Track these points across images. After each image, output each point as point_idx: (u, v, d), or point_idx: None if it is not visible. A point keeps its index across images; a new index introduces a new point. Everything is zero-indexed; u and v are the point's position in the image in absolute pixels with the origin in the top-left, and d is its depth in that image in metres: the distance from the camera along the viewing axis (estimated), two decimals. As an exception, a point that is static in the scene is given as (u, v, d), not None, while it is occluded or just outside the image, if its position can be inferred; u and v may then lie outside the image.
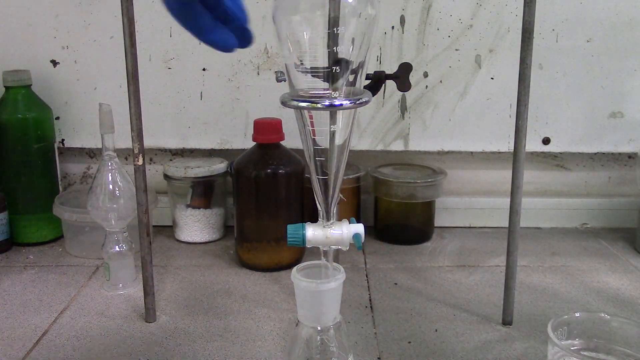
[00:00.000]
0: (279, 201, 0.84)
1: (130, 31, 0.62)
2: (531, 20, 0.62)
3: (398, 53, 0.94)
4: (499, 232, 1.00)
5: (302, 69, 0.49)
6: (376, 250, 0.93)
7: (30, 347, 0.66)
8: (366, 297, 0.78)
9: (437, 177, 0.94)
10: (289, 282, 0.81)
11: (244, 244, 0.86)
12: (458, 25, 0.93)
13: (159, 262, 0.88)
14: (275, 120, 0.84)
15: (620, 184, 1.05)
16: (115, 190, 0.77)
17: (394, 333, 0.69)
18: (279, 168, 0.83)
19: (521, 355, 0.65)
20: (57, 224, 0.94)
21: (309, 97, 0.49)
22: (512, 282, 0.69)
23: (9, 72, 0.90)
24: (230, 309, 0.75)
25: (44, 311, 0.74)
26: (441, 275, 0.85)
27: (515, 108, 0.65)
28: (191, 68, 0.96)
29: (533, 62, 0.64)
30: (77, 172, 1.05)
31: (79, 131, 0.99)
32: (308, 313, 0.53)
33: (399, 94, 0.96)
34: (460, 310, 0.75)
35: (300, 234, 0.52)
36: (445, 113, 0.97)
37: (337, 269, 0.53)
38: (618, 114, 0.97)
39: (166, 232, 0.99)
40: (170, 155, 1.03)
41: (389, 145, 0.98)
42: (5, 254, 0.91)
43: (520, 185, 0.67)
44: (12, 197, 0.92)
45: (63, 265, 0.87)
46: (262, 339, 0.68)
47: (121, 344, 0.67)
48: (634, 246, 0.94)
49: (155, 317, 0.72)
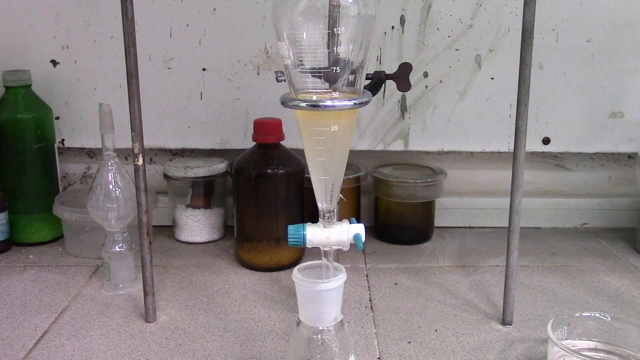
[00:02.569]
0: (279, 201, 0.84)
1: (130, 31, 0.62)
2: (531, 20, 0.62)
3: (398, 53, 0.94)
4: (499, 232, 1.00)
5: (302, 69, 0.49)
6: (376, 250, 0.93)
7: (30, 347, 0.66)
8: (366, 297, 0.78)
9: (437, 177, 0.94)
10: (289, 282, 0.81)
11: (244, 244, 0.86)
12: (458, 25, 0.93)
13: (159, 262, 0.88)
14: (275, 120, 0.84)
15: (620, 184, 1.05)
16: (115, 190, 0.77)
17: (394, 333, 0.69)
18: (279, 168, 0.83)
19: (521, 355, 0.65)
20: (57, 224, 0.94)
21: (309, 97, 0.49)
22: (512, 282, 0.69)
23: (9, 72, 0.90)
24: (230, 309, 0.75)
25: (44, 311, 0.74)
26: (441, 275, 0.85)
27: (515, 108, 0.65)
28: (191, 68, 0.96)
29: (533, 62, 0.65)
30: (77, 172, 1.05)
31: (79, 131, 0.99)
32: (309, 313, 0.53)
33: (399, 94, 0.96)
34: (460, 310, 0.75)
35: (301, 234, 0.52)
36: (445, 113, 0.97)
37: (338, 269, 0.53)
38: (618, 114, 0.97)
39: (166, 232, 0.99)
40: (170, 155, 1.03)
41: (389, 145, 0.98)
42: (5, 254, 0.91)
43: (520, 185, 0.67)
44: (12, 197, 0.92)
45: (63, 265, 0.87)
46: (262, 339, 0.68)
47: (121, 344, 0.67)
48: (634, 246, 0.94)
49: (155, 317, 0.72)
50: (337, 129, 0.50)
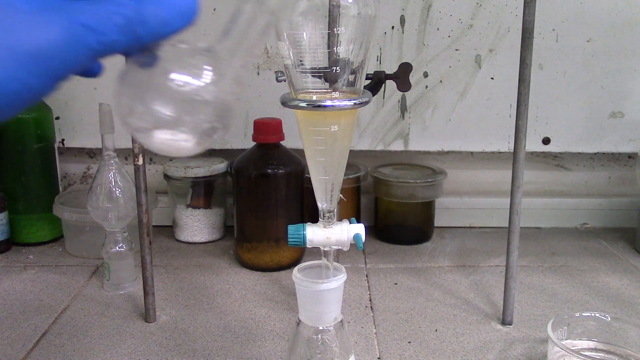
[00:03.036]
0: (279, 201, 0.84)
1: (130, 31, 0.62)
2: (531, 20, 0.62)
3: (398, 53, 0.94)
4: (499, 232, 1.00)
5: (302, 69, 0.49)
6: (376, 250, 0.93)
7: (30, 347, 0.66)
8: (366, 297, 0.78)
9: (437, 177, 0.94)
10: (289, 282, 0.81)
11: (244, 244, 0.86)
12: (458, 25, 0.93)
13: (159, 262, 0.88)
14: (275, 120, 0.84)
15: (620, 184, 1.05)
16: (115, 190, 0.77)
17: (394, 333, 0.69)
18: (279, 168, 0.83)
19: (521, 355, 0.65)
20: (57, 224, 0.94)
21: (309, 97, 0.49)
22: (512, 282, 0.69)
23: (9, 72, 0.90)
24: (230, 309, 0.75)
25: (44, 311, 0.74)
26: (441, 275, 0.85)
27: (515, 108, 0.65)
28: (191, 68, 0.95)
29: (533, 62, 0.65)
30: (77, 172, 1.05)
31: (79, 131, 0.99)
32: (309, 313, 0.53)
33: (399, 94, 0.96)
34: (460, 310, 0.75)
35: (301, 234, 0.52)
36: (445, 113, 0.97)
37: (338, 269, 0.53)
38: (618, 114, 0.97)
39: (166, 232, 0.99)
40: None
41: (389, 145, 0.98)
42: (5, 254, 0.91)
43: (520, 185, 0.67)
44: (12, 197, 0.92)
45: (63, 265, 0.87)
46: (262, 339, 0.68)
47: (121, 344, 0.67)
48: (634, 246, 0.94)
49: (155, 317, 0.72)
50: (337, 129, 0.50)
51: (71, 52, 0.24)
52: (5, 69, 0.23)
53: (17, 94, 0.24)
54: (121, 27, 0.25)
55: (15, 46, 0.23)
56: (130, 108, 0.29)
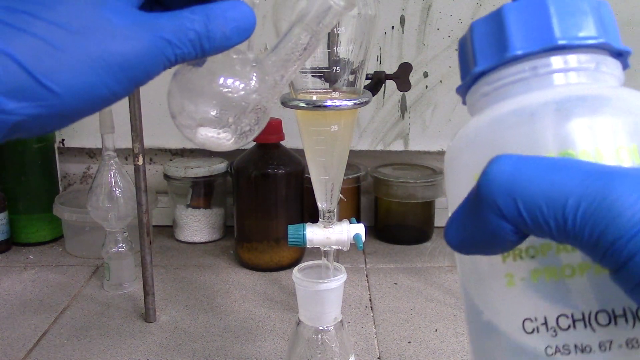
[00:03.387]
0: (279, 201, 0.84)
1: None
2: (531, 20, 0.62)
3: (398, 53, 0.94)
4: (499, 232, 1.00)
5: (302, 69, 0.49)
6: (376, 250, 0.93)
7: (30, 347, 0.66)
8: (366, 297, 0.78)
9: (437, 177, 0.94)
10: (289, 282, 0.81)
11: (244, 244, 0.86)
12: (458, 25, 0.93)
13: (159, 262, 0.88)
14: (275, 120, 0.84)
15: (620, 184, 1.05)
16: (115, 190, 0.77)
17: (394, 333, 0.69)
18: (279, 168, 0.83)
19: (521, 355, 0.65)
20: (57, 224, 0.94)
21: (309, 97, 0.49)
22: (512, 282, 0.69)
23: (9, 72, 0.90)
24: (230, 309, 0.75)
25: (44, 311, 0.74)
26: (441, 275, 0.85)
27: (515, 108, 0.65)
28: (191, 68, 0.95)
29: (533, 62, 0.64)
30: (77, 172, 1.05)
31: (79, 131, 0.99)
32: (309, 313, 0.53)
33: (399, 94, 0.96)
34: (460, 310, 0.75)
35: (301, 234, 0.52)
36: (445, 113, 0.97)
37: (338, 269, 0.53)
38: (618, 114, 0.97)
39: (166, 232, 0.99)
40: (170, 155, 1.03)
41: (389, 145, 0.98)
42: (5, 254, 0.91)
43: (520, 185, 0.66)
44: (12, 197, 0.92)
45: (63, 265, 0.87)
46: (262, 339, 0.68)
47: (121, 344, 0.67)
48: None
49: (155, 317, 0.72)
50: (337, 129, 0.50)
51: (152, 62, 0.28)
52: (99, 76, 0.26)
53: (103, 98, 0.27)
54: (193, 41, 0.28)
55: (109, 57, 0.26)
56: (181, 106, 0.33)
